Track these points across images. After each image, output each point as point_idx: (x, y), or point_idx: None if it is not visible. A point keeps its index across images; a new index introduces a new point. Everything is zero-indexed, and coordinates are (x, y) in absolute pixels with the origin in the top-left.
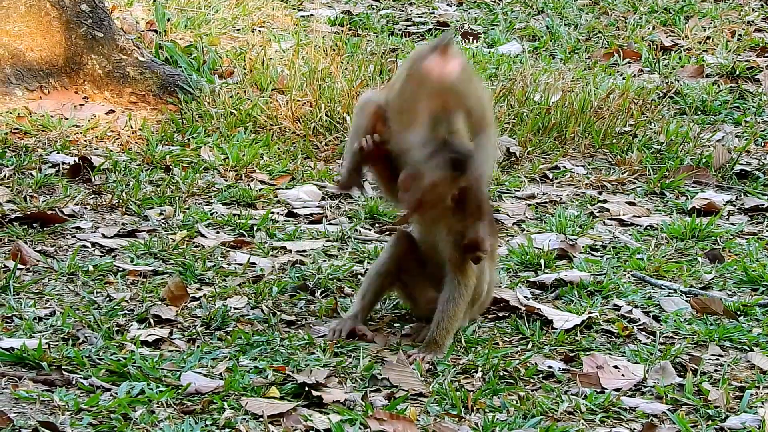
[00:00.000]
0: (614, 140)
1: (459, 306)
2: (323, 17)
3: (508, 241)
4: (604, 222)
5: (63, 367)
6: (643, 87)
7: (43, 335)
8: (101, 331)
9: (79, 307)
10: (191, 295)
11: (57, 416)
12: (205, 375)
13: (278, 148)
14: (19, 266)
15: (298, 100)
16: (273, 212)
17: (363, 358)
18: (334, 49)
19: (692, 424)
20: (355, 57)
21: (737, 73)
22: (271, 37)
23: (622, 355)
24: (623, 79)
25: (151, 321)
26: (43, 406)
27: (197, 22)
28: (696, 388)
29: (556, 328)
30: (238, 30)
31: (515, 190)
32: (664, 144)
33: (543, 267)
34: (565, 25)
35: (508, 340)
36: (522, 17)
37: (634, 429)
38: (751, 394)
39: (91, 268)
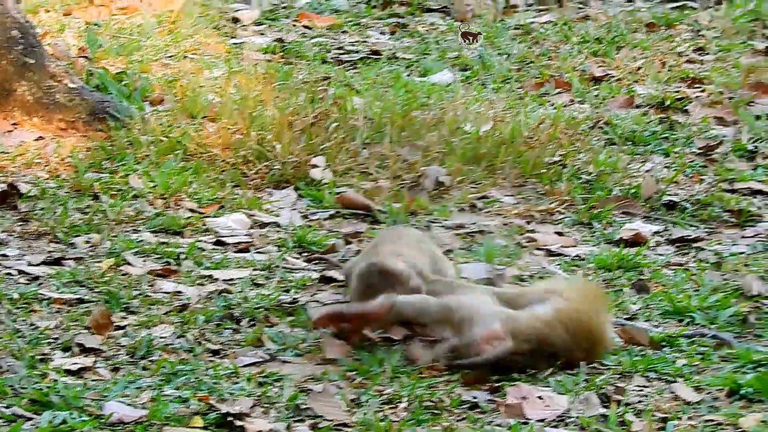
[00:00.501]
0: (543, 170)
1: None
2: (256, 45)
3: None
4: (532, 252)
5: None
6: (574, 117)
7: None
8: (24, 359)
9: (2, 335)
10: (116, 324)
11: None
12: (128, 404)
13: (207, 176)
14: None
15: (229, 128)
16: (201, 240)
17: (287, 387)
18: (266, 77)
19: None
20: (287, 85)
21: (667, 103)
22: (202, 65)
23: (547, 386)
24: (554, 108)
25: (76, 350)
26: None
27: (129, 48)
28: (620, 419)
29: None
30: (170, 57)
31: (444, 220)
32: (593, 174)
33: None
34: (497, 54)
35: (433, 370)
36: (454, 46)
37: None
38: (674, 425)
39: (16, 296)
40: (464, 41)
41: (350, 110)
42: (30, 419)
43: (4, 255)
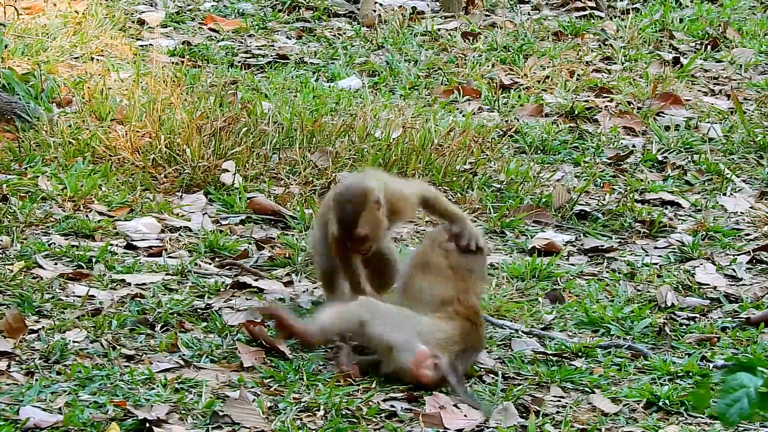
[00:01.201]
0: (454, 178)
1: None
2: (162, 47)
3: None
4: None
5: None
6: (483, 125)
7: None
8: None
9: None
10: (29, 328)
11: None
12: (44, 409)
13: (117, 179)
14: None
15: (138, 131)
16: (112, 244)
17: (204, 394)
18: (173, 80)
19: None
20: (195, 88)
21: (576, 112)
22: (109, 67)
23: None
24: (463, 116)
25: None
26: None
27: (35, 49)
28: (538, 430)
29: None
30: (76, 58)
31: None
32: (504, 183)
33: None
34: (405, 60)
35: (351, 378)
36: (362, 52)
37: None
38: None
39: None
40: (464, 40)
41: (260, 115)
42: None
43: None
